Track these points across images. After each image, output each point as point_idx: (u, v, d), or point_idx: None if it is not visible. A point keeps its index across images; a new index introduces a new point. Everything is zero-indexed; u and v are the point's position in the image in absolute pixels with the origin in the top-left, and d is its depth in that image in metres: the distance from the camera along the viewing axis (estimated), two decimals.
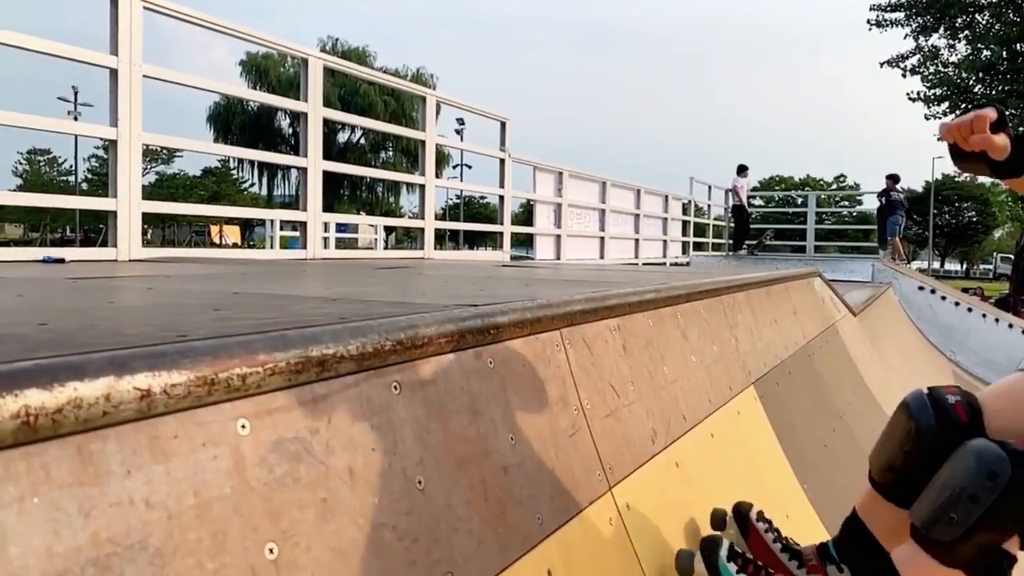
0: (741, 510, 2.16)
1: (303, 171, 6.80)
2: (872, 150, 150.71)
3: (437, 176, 10.45)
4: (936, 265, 70.56)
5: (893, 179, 16.55)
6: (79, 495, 0.84)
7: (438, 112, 9.87)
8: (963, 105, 23.74)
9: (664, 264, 14.69)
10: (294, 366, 1.15)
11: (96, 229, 46.05)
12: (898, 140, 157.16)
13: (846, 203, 56.93)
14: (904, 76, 24.21)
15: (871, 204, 17.51)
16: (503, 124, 9.61)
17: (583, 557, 1.66)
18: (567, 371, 1.94)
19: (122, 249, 5.04)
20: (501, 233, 10.01)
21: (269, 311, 1.78)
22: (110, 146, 5.05)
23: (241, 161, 50.32)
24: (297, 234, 8.22)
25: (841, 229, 27.21)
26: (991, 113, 1.53)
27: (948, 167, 67.10)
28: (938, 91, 23.70)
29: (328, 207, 9.80)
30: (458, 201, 54.30)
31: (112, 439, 0.90)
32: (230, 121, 47.21)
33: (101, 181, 46.09)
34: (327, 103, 7.17)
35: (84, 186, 50.63)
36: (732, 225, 18.25)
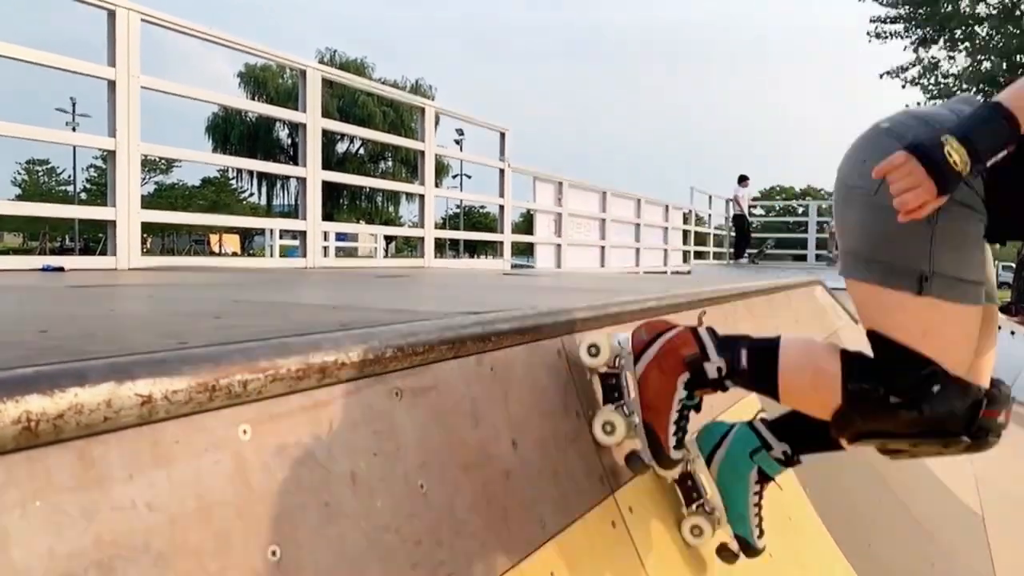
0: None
1: (302, 181, 6.81)
2: None
3: (437, 186, 10.46)
4: None
5: None
6: (81, 499, 0.84)
7: (437, 123, 9.89)
8: None
9: (665, 273, 14.70)
10: (295, 373, 1.15)
11: (95, 238, 46.04)
12: None
13: None
14: (904, 87, 24.24)
15: None
16: (502, 135, 9.63)
17: (585, 560, 1.66)
18: (568, 378, 1.94)
19: (121, 258, 5.05)
20: (501, 242, 10.02)
21: (270, 318, 1.78)
22: (109, 156, 5.06)
23: (240, 171, 50.45)
24: (297, 243, 8.24)
25: None
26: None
27: None
28: (938, 102, 23.69)
29: (328, 216, 9.82)
30: (458, 210, 54.44)
31: (113, 444, 0.90)
32: (229, 132, 47.32)
33: (100, 191, 46.14)
34: (326, 114, 7.19)
35: (83, 196, 50.71)
36: (733, 234, 18.27)
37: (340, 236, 21.43)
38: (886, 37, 23.56)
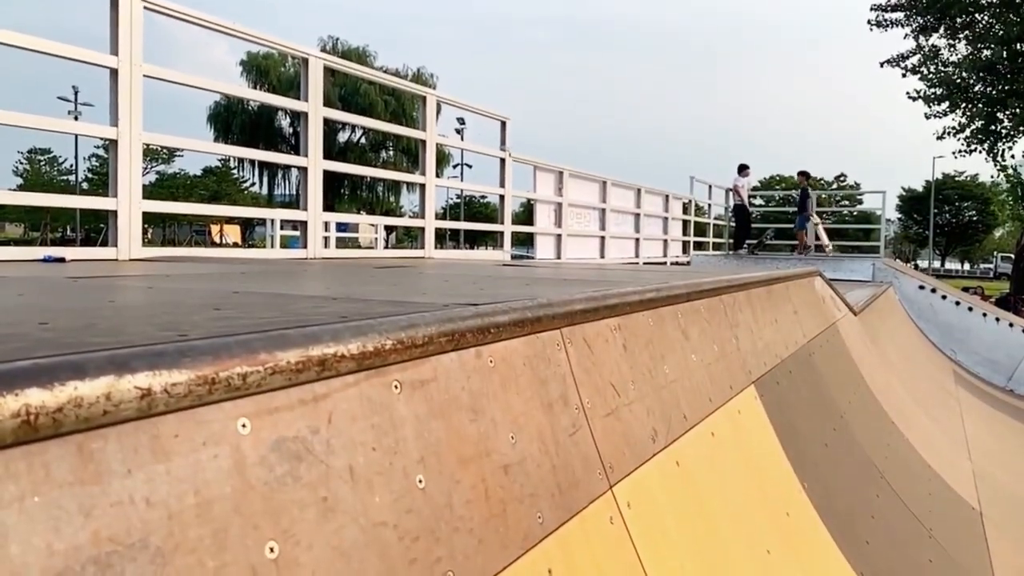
0: None
1: (303, 170, 6.80)
2: (872, 149, 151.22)
3: (437, 175, 10.44)
4: (936, 264, 70.65)
5: (806, 175, 17.57)
6: (80, 494, 0.84)
7: (438, 112, 9.85)
8: (963, 104, 23.74)
9: (665, 263, 14.69)
10: (294, 365, 1.15)
11: (97, 228, 46.08)
12: (898, 139, 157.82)
13: (846, 202, 56.94)
14: (904, 76, 24.21)
15: (871, 203, 17.71)
16: (503, 124, 9.61)
17: (583, 556, 1.66)
18: (568, 370, 1.94)
19: (122, 248, 5.04)
20: (501, 232, 10.01)
21: (269, 310, 1.78)
22: (110, 146, 5.05)
23: (241, 160, 50.34)
24: (297, 233, 8.22)
25: (841, 228, 27.22)
26: None
27: (948, 166, 67.09)
28: (938, 90, 23.68)
29: (328, 206, 9.80)
30: (458, 200, 54.38)
31: (112, 438, 0.90)
32: (230, 121, 47.17)
33: (101, 180, 46.09)
34: (327, 102, 7.17)
35: (84, 185, 50.61)
36: (733, 225, 18.25)
37: (341, 226, 21.42)
38: (887, 25, 23.53)
